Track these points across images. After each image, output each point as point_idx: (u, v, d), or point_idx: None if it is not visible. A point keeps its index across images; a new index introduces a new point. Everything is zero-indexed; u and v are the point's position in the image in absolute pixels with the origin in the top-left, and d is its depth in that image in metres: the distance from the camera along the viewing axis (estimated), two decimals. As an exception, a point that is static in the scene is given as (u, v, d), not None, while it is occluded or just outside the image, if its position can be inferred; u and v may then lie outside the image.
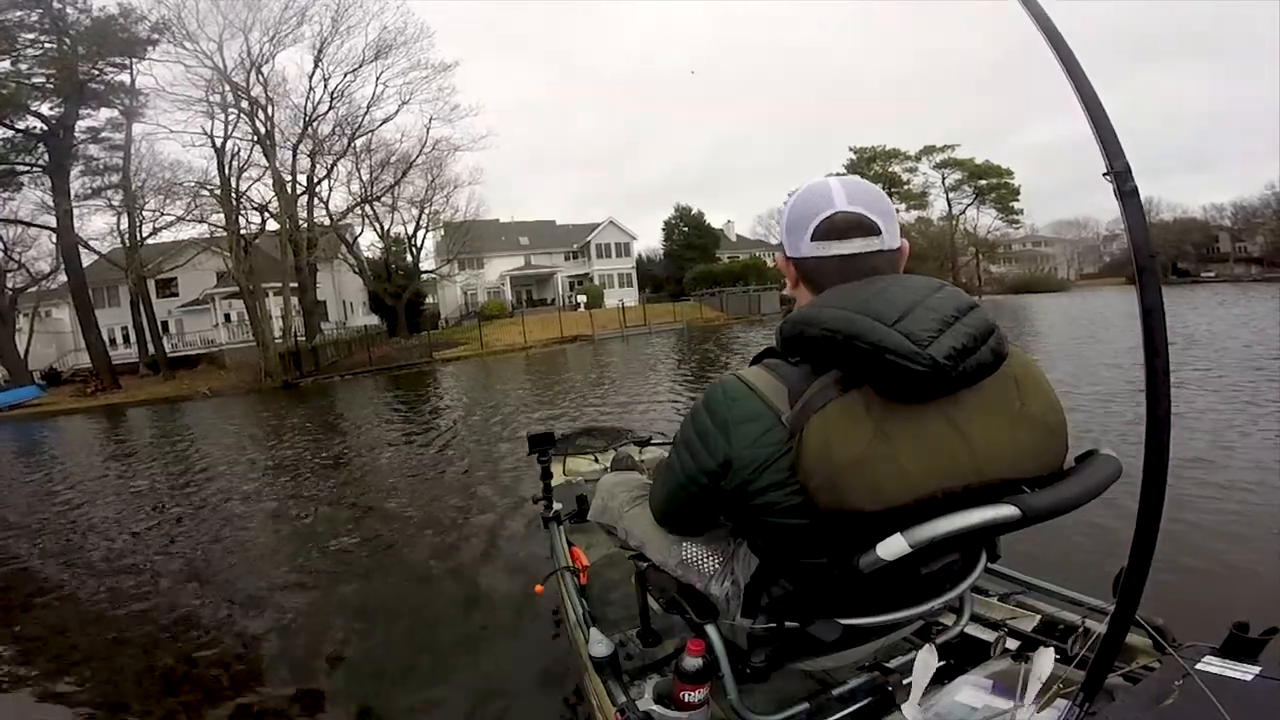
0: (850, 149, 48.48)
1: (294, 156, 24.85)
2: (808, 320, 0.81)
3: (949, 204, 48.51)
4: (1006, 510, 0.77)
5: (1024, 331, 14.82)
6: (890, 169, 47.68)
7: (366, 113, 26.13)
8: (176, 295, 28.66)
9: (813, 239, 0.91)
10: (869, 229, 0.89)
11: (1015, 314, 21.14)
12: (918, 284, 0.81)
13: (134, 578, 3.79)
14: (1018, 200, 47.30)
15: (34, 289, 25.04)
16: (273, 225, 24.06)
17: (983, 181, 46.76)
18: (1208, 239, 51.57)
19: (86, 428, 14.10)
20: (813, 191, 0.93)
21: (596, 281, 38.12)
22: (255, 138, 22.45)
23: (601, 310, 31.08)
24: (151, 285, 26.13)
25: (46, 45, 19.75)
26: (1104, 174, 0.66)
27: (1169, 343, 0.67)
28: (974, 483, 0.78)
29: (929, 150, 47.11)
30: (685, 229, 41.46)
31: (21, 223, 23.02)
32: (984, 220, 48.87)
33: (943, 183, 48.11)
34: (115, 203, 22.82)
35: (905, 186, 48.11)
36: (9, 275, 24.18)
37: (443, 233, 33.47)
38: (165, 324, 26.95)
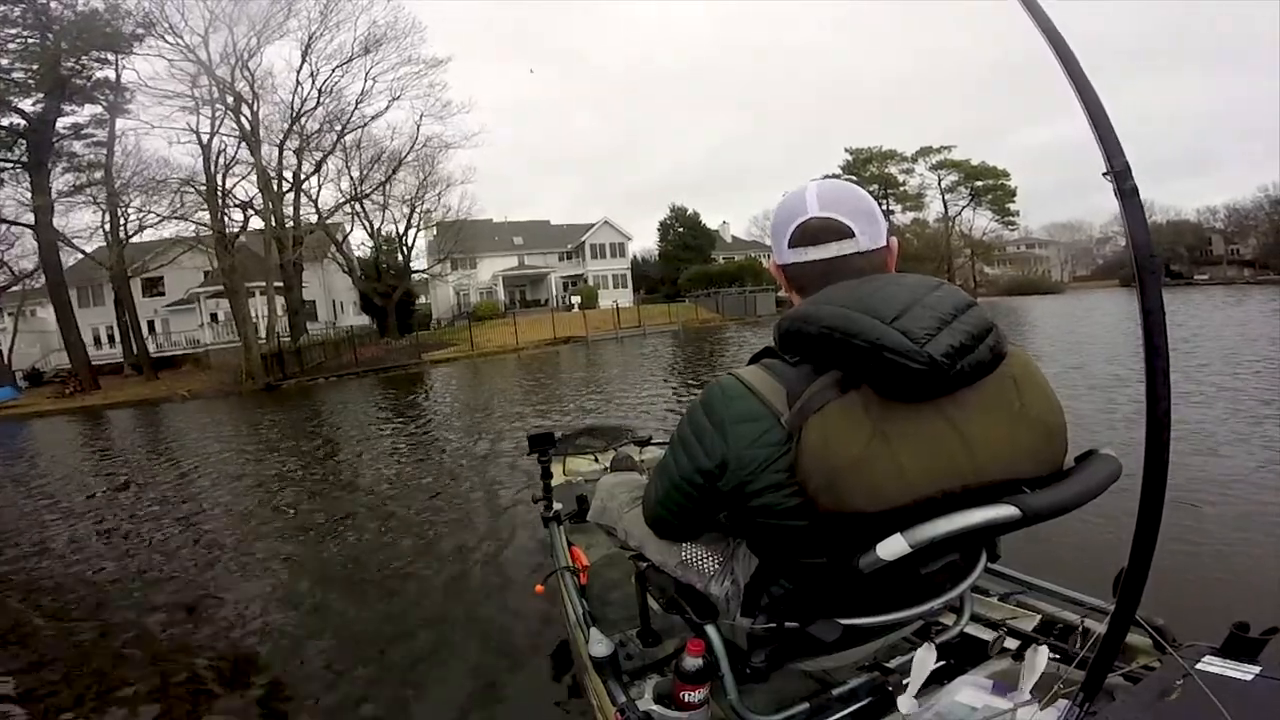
0: (846, 150, 48.80)
1: (280, 153, 24.52)
2: (805, 318, 0.80)
3: (945, 205, 48.81)
4: (1006, 510, 0.77)
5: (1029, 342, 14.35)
6: (886, 170, 47.88)
7: (355, 108, 25.86)
8: (163, 294, 28.35)
9: (790, 246, 0.93)
10: (841, 232, 0.90)
11: (1016, 318, 20.59)
12: (915, 282, 0.81)
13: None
14: (1014, 201, 47.67)
15: (17, 288, 24.61)
16: (258, 223, 23.69)
17: (979, 183, 47.03)
18: (1201, 241, 51.99)
19: (50, 431, 13.84)
20: (791, 198, 0.95)
21: (591, 282, 38.10)
22: (240, 134, 22.12)
23: (595, 311, 31.01)
24: (138, 284, 25.75)
25: (29, 40, 19.32)
26: (1104, 173, 0.65)
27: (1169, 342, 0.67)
28: (973, 483, 0.78)
29: (925, 151, 47.38)
30: (680, 229, 41.45)
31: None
32: (980, 222, 49.21)
33: (939, 184, 48.39)
34: (99, 200, 22.38)
35: (901, 188, 48.33)
36: (-8, 273, 23.78)
37: (435, 232, 33.16)
38: (152, 323, 26.64)
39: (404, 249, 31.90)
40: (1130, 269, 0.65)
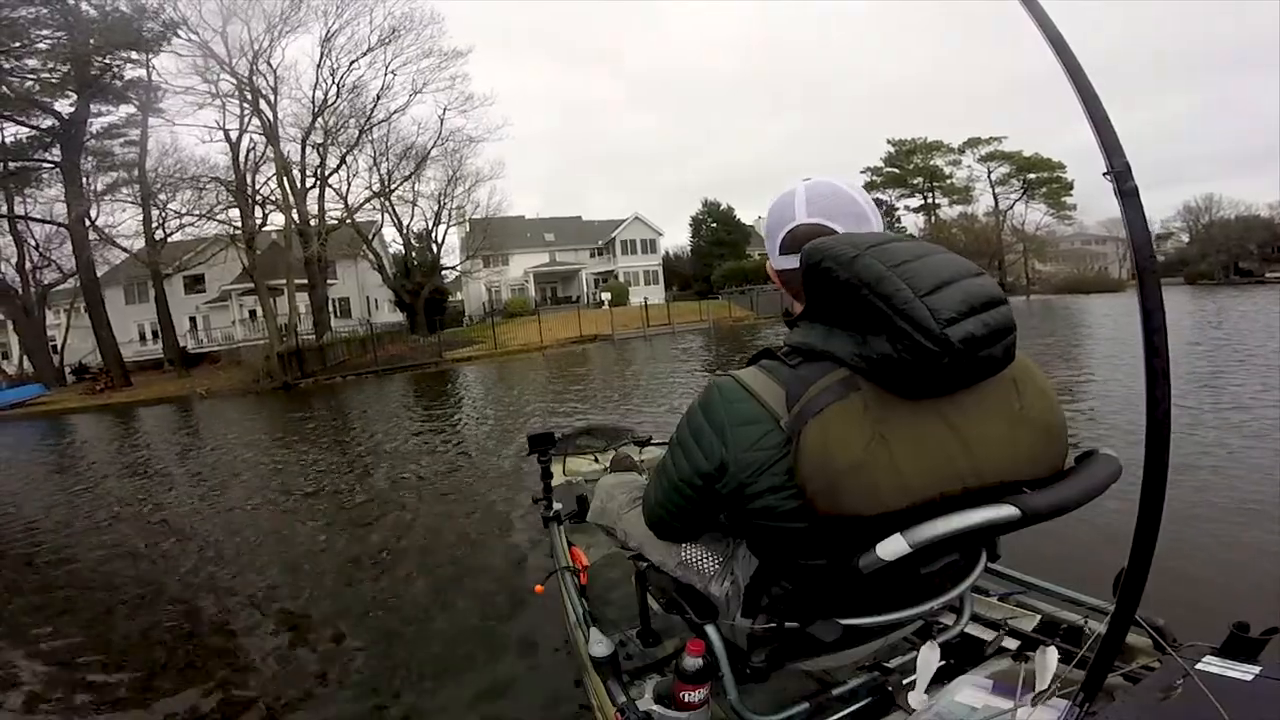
0: (888, 141, 47.04)
1: (303, 148, 24.73)
2: (839, 259, 0.77)
3: (995, 199, 46.57)
4: (1006, 510, 0.77)
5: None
6: (931, 162, 46.06)
7: (376, 102, 25.94)
8: (204, 291, 29.08)
9: (780, 253, 0.94)
10: None
11: (1078, 322, 17.88)
12: (959, 263, 0.78)
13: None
14: (1070, 195, 44.90)
15: (67, 284, 25.53)
16: (281, 219, 23.77)
17: (1032, 175, 44.63)
18: (1273, 238, 48.10)
19: (40, 431, 14.23)
20: (781, 201, 0.96)
21: (622, 279, 37.95)
22: (263, 130, 22.45)
23: (624, 308, 30.77)
24: (179, 281, 26.44)
25: (59, 40, 19.79)
26: (1104, 173, 0.65)
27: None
28: (973, 485, 0.79)
29: (974, 142, 45.26)
30: (714, 225, 40.92)
31: (32, 219, 23.56)
32: (1033, 216, 46.65)
33: (989, 176, 46.15)
34: (135, 197, 22.95)
35: (948, 180, 46.40)
36: (41, 271, 24.80)
37: (467, 228, 33.13)
38: (193, 320, 27.54)
39: (433, 246, 31.79)
40: (1197, 266, 0.65)
